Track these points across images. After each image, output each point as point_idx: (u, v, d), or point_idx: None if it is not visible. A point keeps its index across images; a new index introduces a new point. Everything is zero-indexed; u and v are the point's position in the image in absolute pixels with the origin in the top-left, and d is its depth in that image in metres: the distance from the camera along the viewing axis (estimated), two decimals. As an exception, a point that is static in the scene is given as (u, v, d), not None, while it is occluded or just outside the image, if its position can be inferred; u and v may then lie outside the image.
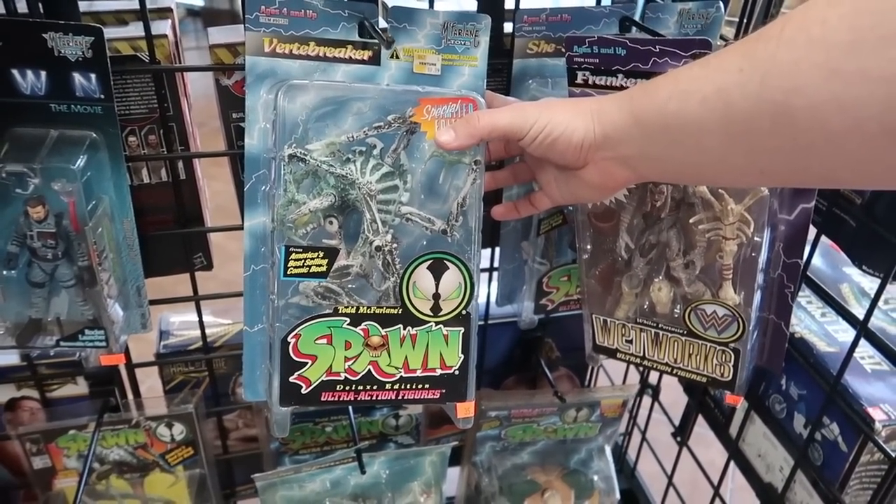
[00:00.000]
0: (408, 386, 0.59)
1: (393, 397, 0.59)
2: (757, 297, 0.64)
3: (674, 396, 1.05)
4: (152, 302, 0.71)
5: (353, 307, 0.57)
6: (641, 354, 0.74)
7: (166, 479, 0.84)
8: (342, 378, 0.58)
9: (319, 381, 0.57)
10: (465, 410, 0.61)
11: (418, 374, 0.59)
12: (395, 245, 0.57)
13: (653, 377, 1.05)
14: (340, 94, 0.55)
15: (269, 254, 0.58)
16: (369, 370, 0.58)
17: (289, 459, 0.86)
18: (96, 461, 0.80)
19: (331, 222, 0.56)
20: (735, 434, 0.86)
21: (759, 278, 0.64)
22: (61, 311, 0.65)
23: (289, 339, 0.56)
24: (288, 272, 0.55)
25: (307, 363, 0.57)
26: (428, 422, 0.93)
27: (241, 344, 0.80)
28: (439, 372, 0.59)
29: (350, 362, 0.58)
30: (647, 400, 1.08)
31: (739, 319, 0.65)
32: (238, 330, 0.83)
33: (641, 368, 1.02)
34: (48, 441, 0.77)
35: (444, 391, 0.60)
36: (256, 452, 0.89)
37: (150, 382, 0.88)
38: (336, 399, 0.58)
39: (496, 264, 0.82)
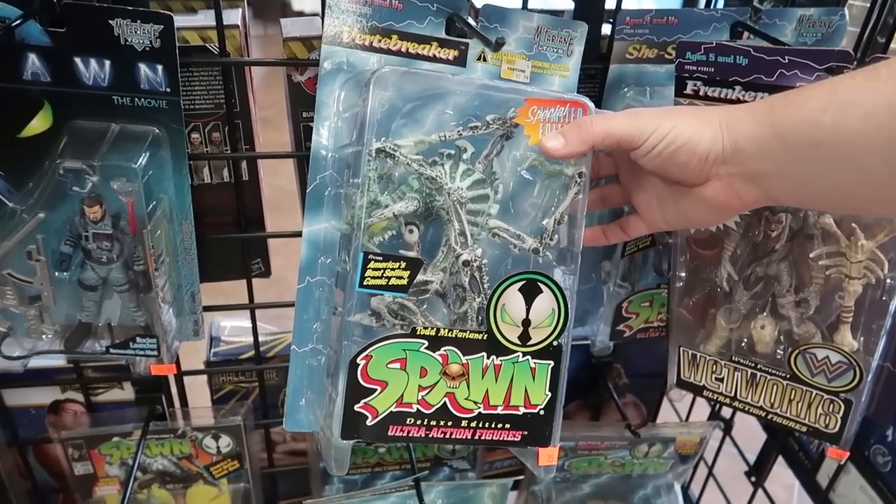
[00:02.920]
0: (486, 425, 0.53)
1: (469, 436, 0.53)
2: (881, 345, 0.57)
3: (745, 428, 0.98)
4: (206, 308, 0.67)
5: (432, 328, 0.50)
6: (733, 395, 0.67)
7: (209, 492, 0.80)
8: (414, 410, 0.51)
9: (388, 412, 0.51)
10: (548, 458, 0.54)
11: (499, 411, 0.53)
12: (485, 261, 0.51)
13: (725, 410, 0.98)
14: (437, 87, 0.49)
15: (339, 260, 0.52)
16: (445, 403, 0.52)
17: (338, 479, 0.82)
18: (139, 470, 0.76)
19: (411, 230, 0.50)
20: (825, 483, 0.78)
21: (888, 324, 0.56)
22: (113, 315, 0.61)
23: (358, 360, 0.49)
24: (364, 282, 0.48)
25: (376, 390, 0.50)
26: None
27: (296, 356, 0.76)
28: (522, 411, 0.53)
29: (424, 392, 0.51)
30: (716, 431, 1.01)
31: (856, 368, 0.58)
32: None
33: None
34: (91, 447, 0.74)
35: (525, 433, 0.53)
36: (303, 467, 0.85)
37: (190, 379, 0.82)
38: (405, 434, 0.52)
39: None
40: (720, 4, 0.66)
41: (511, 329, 0.52)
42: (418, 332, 0.50)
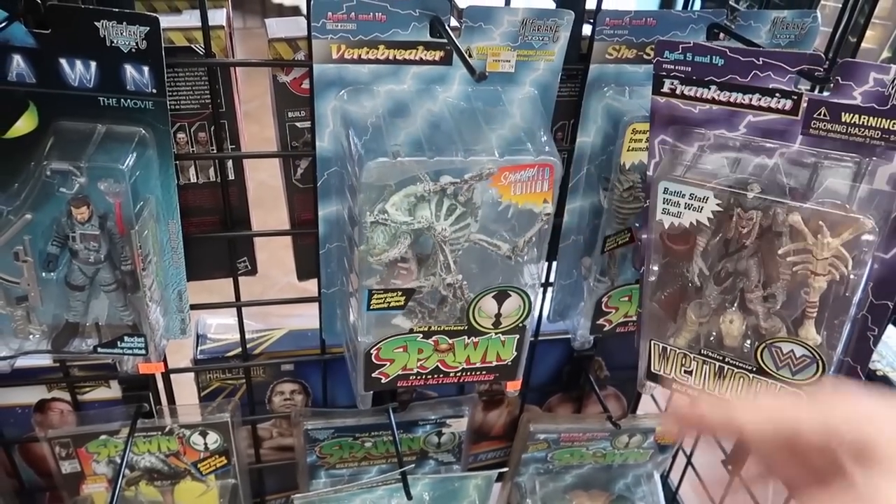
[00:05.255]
0: (468, 374, 0.68)
1: (455, 381, 0.68)
2: (843, 339, 0.59)
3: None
4: (193, 307, 0.67)
5: (425, 326, 0.63)
6: (701, 387, 0.69)
7: (197, 488, 0.80)
8: (415, 372, 0.66)
9: (396, 374, 0.66)
10: (513, 386, 0.70)
11: (477, 365, 0.67)
12: (465, 282, 0.61)
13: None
14: (419, 169, 0.55)
15: (347, 278, 0.63)
16: (437, 366, 0.66)
17: (325, 473, 0.83)
18: (126, 467, 0.76)
19: (406, 252, 0.58)
20: (798, 470, 0.81)
21: (850, 319, 0.58)
22: (100, 315, 0.61)
23: (371, 351, 0.64)
24: (371, 307, 0.60)
25: (386, 364, 0.65)
26: (469, 438, 0.89)
27: (282, 352, 0.78)
28: (495, 364, 0.67)
29: (421, 361, 0.66)
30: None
31: (819, 361, 0.60)
32: (278, 337, 0.80)
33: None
34: (78, 445, 0.74)
35: (497, 374, 0.68)
36: (290, 462, 0.86)
37: (177, 376, 0.82)
38: (409, 385, 0.67)
39: (552, 279, 0.77)
40: (697, 6, 0.68)
41: (486, 320, 0.64)
42: (414, 331, 0.63)
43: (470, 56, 0.59)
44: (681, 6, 0.69)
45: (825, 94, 0.55)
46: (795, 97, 0.55)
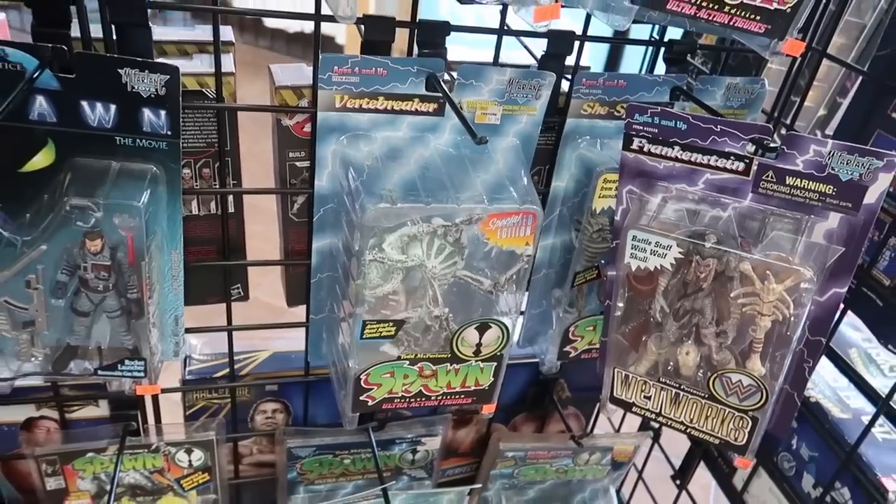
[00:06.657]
0: (449, 398, 0.73)
1: (436, 405, 0.74)
2: (784, 371, 0.67)
3: (671, 435, 1.08)
4: (187, 330, 0.70)
5: (412, 354, 0.68)
6: (658, 411, 0.76)
7: (178, 503, 0.83)
8: (399, 395, 0.71)
9: (382, 398, 0.70)
10: (488, 409, 0.77)
11: (457, 389, 0.73)
12: (451, 314, 0.66)
13: (653, 419, 1.08)
14: (415, 212, 0.60)
15: (338, 304, 0.65)
16: (420, 390, 0.71)
17: (303, 489, 0.86)
18: (111, 483, 0.79)
19: (397, 286, 0.63)
20: (740, 486, 0.89)
21: (790, 354, 0.66)
22: (102, 339, 0.64)
23: (361, 376, 0.68)
24: (364, 336, 0.65)
25: (373, 388, 0.70)
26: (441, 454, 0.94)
27: (267, 373, 0.82)
28: (473, 388, 0.73)
29: (406, 385, 0.71)
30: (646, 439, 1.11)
31: (763, 390, 0.68)
32: (263, 359, 0.83)
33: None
34: (65, 463, 0.76)
35: (475, 398, 0.74)
36: (268, 478, 0.89)
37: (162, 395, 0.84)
38: (393, 407, 0.72)
39: (523, 308, 0.83)
40: (659, 68, 0.76)
41: (468, 349, 0.69)
42: (401, 358, 0.68)
43: (461, 108, 0.65)
44: (639, 67, 0.77)
45: (773, 157, 0.62)
46: (747, 160, 0.62)
